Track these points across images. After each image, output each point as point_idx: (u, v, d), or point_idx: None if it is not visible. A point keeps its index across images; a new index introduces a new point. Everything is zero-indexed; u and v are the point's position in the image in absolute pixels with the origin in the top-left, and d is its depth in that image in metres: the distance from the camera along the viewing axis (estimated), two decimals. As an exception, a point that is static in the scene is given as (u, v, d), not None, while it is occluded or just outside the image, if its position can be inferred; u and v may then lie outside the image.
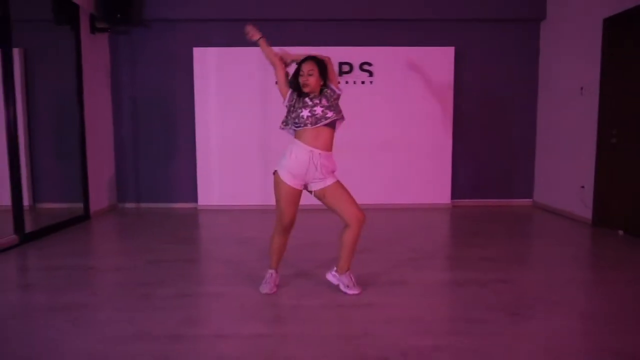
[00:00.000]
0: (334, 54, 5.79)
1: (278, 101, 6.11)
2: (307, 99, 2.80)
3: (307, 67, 2.76)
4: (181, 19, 5.84)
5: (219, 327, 2.44)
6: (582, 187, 5.08)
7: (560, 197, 5.56)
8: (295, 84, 2.81)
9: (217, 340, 2.28)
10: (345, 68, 5.87)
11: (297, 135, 2.78)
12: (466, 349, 2.19)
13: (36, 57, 5.30)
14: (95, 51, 5.64)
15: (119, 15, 5.38)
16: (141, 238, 4.48)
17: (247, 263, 3.57)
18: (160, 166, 6.14)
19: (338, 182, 2.84)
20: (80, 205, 5.33)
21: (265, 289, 2.91)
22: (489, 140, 6.16)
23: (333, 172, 2.84)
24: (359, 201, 2.84)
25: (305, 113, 2.73)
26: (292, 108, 2.82)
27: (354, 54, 5.89)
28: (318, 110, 2.74)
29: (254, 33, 3.02)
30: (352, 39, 5.92)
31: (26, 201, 5.23)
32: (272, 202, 5.96)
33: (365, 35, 5.95)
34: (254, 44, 3.10)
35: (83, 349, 2.19)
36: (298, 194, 2.81)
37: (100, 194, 5.71)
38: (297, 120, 2.76)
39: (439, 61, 5.90)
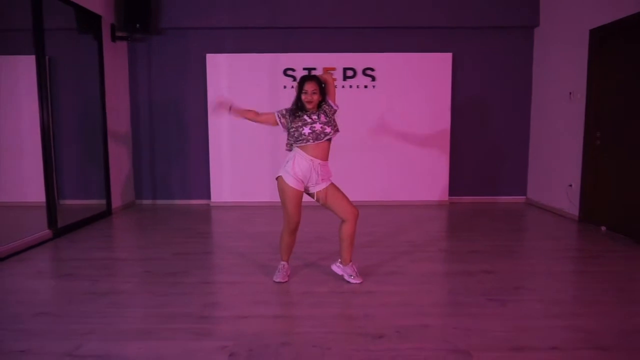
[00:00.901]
0: (339, 60, 6.24)
1: (286, 104, 6.49)
2: (305, 117, 3.12)
3: (311, 87, 3.10)
4: (195, 27, 6.23)
5: (239, 309, 2.85)
6: (570, 185, 5.45)
7: (551, 194, 5.93)
8: (298, 102, 3.15)
9: (238, 320, 2.69)
10: (349, 73, 6.24)
11: (299, 146, 3.12)
12: (449, 326, 2.59)
13: (60, 64, 5.71)
14: (116, 58, 6.04)
15: (138, 25, 5.77)
16: (161, 233, 4.89)
17: (260, 255, 3.98)
18: (175, 165, 6.55)
19: (333, 184, 3.24)
20: (101, 201, 5.75)
21: (278, 277, 3.32)
22: (485, 141, 6.53)
23: (329, 177, 3.23)
24: (362, 198, 3.28)
25: (306, 130, 3.07)
26: (292, 129, 3.14)
27: (358, 59, 6.26)
28: (317, 127, 3.07)
29: (222, 108, 3.27)
30: (357, 46, 6.30)
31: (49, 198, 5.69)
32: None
33: (369, 41, 6.32)
34: (265, 50, 3.46)
35: (131, 328, 2.60)
36: (301, 195, 3.17)
37: (120, 191, 6.13)
38: (299, 138, 3.08)
39: (438, 66, 6.26)
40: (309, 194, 3.25)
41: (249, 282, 3.32)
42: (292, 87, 6.25)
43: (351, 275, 3.30)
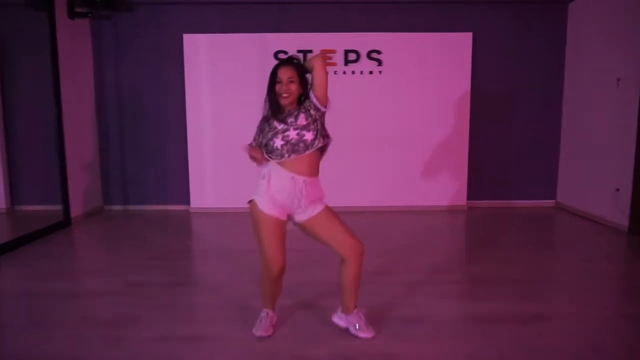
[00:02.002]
0: (340, 41, 5.27)
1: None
2: (275, 122, 2.22)
3: (286, 73, 2.20)
4: (170, 1, 5.27)
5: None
6: (617, 189, 4.56)
7: (589, 199, 5.04)
8: (271, 97, 2.26)
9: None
10: (352, 57, 5.30)
11: (275, 161, 2.22)
12: None
13: (10, 46, 4.78)
14: (75, 38, 5.09)
15: (98, -1, 4.81)
16: (124, 251, 4.00)
17: (242, 287, 3.08)
18: (150, 165, 5.62)
19: (327, 208, 2.32)
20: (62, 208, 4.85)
21: (259, 330, 2.41)
22: (509, 136, 5.61)
23: (321, 199, 2.32)
24: (365, 204, 2.37)
25: (277, 142, 2.18)
26: (260, 131, 2.30)
27: (361, 40, 5.31)
28: (292, 134, 2.17)
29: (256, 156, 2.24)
30: (359, 24, 5.34)
31: (3, 203, 4.80)
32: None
33: (375, 19, 5.36)
34: (251, 30, 2.50)
35: None
36: (283, 226, 2.27)
37: (83, 196, 5.21)
38: (272, 152, 2.20)
39: (455, 48, 5.33)
40: (294, 225, 2.34)
41: (222, 337, 2.42)
42: (285, 73, 5.30)
43: (358, 327, 2.40)
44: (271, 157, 2.21)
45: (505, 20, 5.43)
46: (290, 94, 2.21)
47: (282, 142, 2.16)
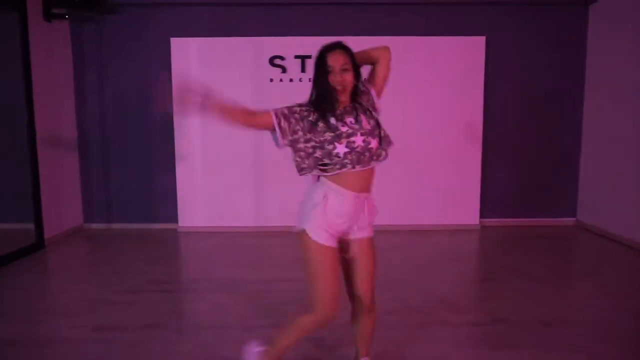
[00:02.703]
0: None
1: (274, 102, 5.12)
2: (332, 120, 1.77)
3: (340, 60, 1.78)
4: (158, 2, 4.85)
5: None
6: (648, 209, 4.12)
7: (614, 218, 4.59)
8: (322, 95, 1.79)
9: None
10: (354, 62, 4.87)
11: (330, 177, 1.79)
12: None
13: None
14: (52, 42, 4.66)
15: (76, -1, 4.39)
16: (100, 281, 3.54)
17: (225, 331, 2.63)
18: (135, 180, 5.16)
19: (372, 239, 1.92)
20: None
21: None
22: (525, 148, 5.16)
23: (374, 217, 1.93)
24: None
25: (340, 149, 1.73)
26: (306, 145, 1.79)
27: (362, 44, 4.85)
28: (358, 140, 1.74)
29: (192, 98, 1.87)
30: (364, 27, 4.91)
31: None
32: (267, 223, 5.02)
33: (379, 22, 4.94)
34: (245, 33, 2.09)
35: None
36: (337, 258, 1.85)
37: (60, 215, 4.75)
38: (330, 162, 1.75)
39: (467, 53, 4.90)
40: (343, 242, 1.88)
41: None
42: (281, 80, 4.88)
43: None
44: (323, 168, 1.76)
45: (521, 23, 5.00)
46: (346, 87, 1.79)
47: (348, 150, 1.72)
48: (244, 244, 4.56)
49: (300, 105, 1.84)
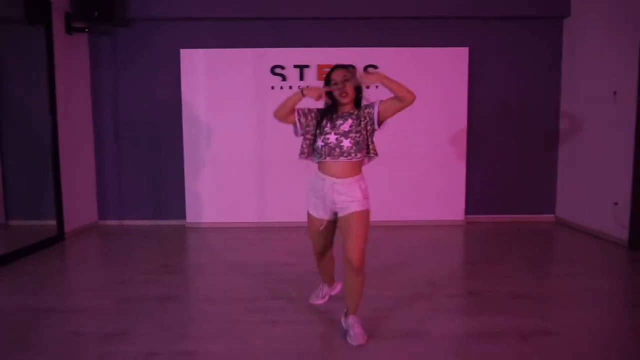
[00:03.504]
0: (336, 56, 5.25)
1: (275, 107, 5.54)
2: (324, 121, 2.41)
3: (339, 75, 2.37)
4: (167, 17, 5.30)
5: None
6: (616, 203, 4.52)
7: (588, 213, 4.99)
8: (330, 104, 2.44)
9: None
10: (348, 71, 5.30)
11: (317, 163, 2.49)
12: None
13: (8, 62, 4.79)
14: (73, 53, 5.10)
15: (96, 14, 4.83)
16: (117, 266, 3.93)
17: (238, 302, 3.02)
18: (145, 179, 5.58)
19: (360, 213, 2.36)
20: (53, 223, 4.79)
21: (313, 299, 2.93)
22: (507, 150, 5.59)
23: (358, 200, 2.37)
24: None
25: (319, 142, 2.40)
26: (312, 135, 2.43)
27: (358, 55, 5.31)
28: (331, 138, 2.35)
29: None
30: (357, 39, 5.37)
31: (-2, 218, 4.76)
32: (270, 219, 5.42)
33: (371, 34, 5.40)
34: (249, 44, 2.65)
35: None
36: (319, 224, 2.51)
37: (78, 211, 5.15)
38: (316, 151, 2.44)
39: (452, 63, 5.34)
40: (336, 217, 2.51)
41: (212, 352, 2.35)
42: (281, 87, 5.31)
43: (352, 333, 2.39)
44: (326, 158, 2.37)
45: (501, 35, 5.46)
46: (348, 94, 2.33)
47: (322, 144, 2.34)
48: (247, 237, 4.95)
49: (318, 109, 2.49)
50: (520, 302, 3.01)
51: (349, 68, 2.40)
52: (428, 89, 5.35)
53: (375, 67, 5.30)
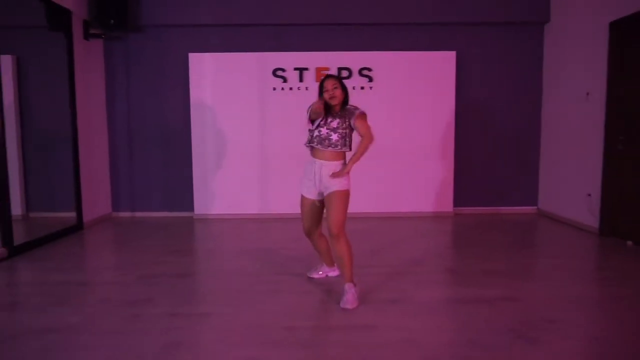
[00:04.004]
0: (333, 59, 5.73)
1: (277, 108, 5.97)
2: (318, 119, 2.93)
3: (330, 84, 2.91)
4: (176, 24, 5.73)
5: (206, 353, 2.30)
6: (589, 195, 4.93)
7: (566, 205, 5.41)
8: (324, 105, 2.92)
9: (204, 367, 2.15)
10: (345, 73, 5.73)
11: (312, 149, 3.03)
12: (469, 378, 2.05)
13: (30, 65, 5.21)
14: (89, 57, 5.53)
15: (112, 21, 5.26)
16: (134, 250, 4.35)
17: (244, 277, 3.44)
18: (156, 174, 6.02)
19: (340, 192, 2.89)
20: (73, 214, 5.21)
21: (310, 272, 3.43)
22: (492, 147, 6.02)
23: (339, 182, 2.91)
24: (357, 210, 2.92)
25: (315, 133, 2.94)
26: (314, 127, 2.97)
27: (354, 58, 5.76)
28: (323, 131, 2.90)
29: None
30: (352, 44, 5.81)
31: (19, 210, 5.17)
32: (272, 210, 5.84)
33: (365, 39, 5.84)
34: (252, 49, 3.19)
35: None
36: (310, 204, 3.04)
37: (94, 203, 5.58)
38: (313, 139, 2.97)
39: (440, 66, 5.77)
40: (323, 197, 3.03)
41: (225, 313, 2.78)
42: (282, 88, 5.74)
43: (345, 298, 2.85)
44: (317, 145, 2.93)
45: (487, 39, 5.88)
46: (337, 97, 2.90)
47: (317, 134, 2.93)
48: (250, 227, 5.38)
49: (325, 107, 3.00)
50: (489, 277, 3.43)
51: (334, 76, 3.00)
52: (419, 90, 5.79)
53: (369, 69, 5.72)
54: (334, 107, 2.93)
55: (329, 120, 2.92)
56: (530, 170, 6.06)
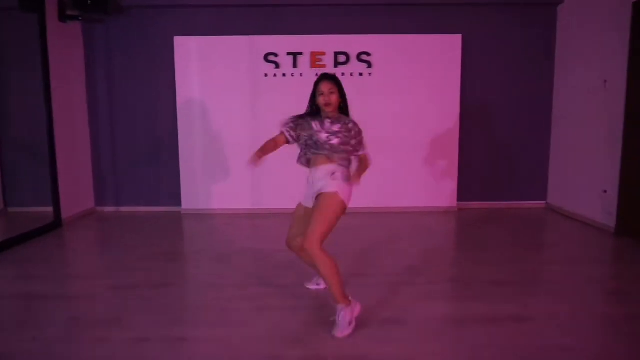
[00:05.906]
0: (330, 43, 5.30)
1: (269, 95, 5.56)
2: (314, 123, 2.62)
3: (327, 86, 2.59)
4: (161, 5, 5.30)
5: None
6: (605, 191, 4.58)
7: (578, 201, 5.06)
8: (313, 106, 2.67)
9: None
10: (342, 59, 5.33)
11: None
12: None
13: (1, 51, 4.83)
14: (66, 41, 5.12)
15: (89, 2, 4.84)
16: (112, 253, 4.03)
17: (225, 289, 3.11)
18: (141, 167, 5.65)
19: (324, 197, 2.51)
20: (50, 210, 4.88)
21: (308, 284, 3.12)
22: (499, 137, 5.64)
23: (327, 186, 2.53)
24: (356, 205, 2.58)
25: (322, 137, 2.60)
26: (303, 139, 2.64)
27: (351, 42, 5.34)
28: (322, 136, 2.57)
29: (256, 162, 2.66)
30: (350, 27, 5.37)
31: (-3, 205, 4.86)
32: (263, 206, 5.50)
33: (364, 22, 5.39)
34: (242, 32, 2.77)
35: None
36: (302, 209, 2.77)
37: (75, 198, 5.24)
38: (311, 143, 2.62)
39: (445, 50, 5.35)
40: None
41: (202, 339, 2.45)
42: (275, 75, 5.34)
43: (336, 324, 2.46)
44: (312, 152, 2.61)
45: (495, 22, 5.45)
46: (332, 104, 2.59)
47: (313, 141, 2.57)
48: (242, 223, 5.05)
49: (300, 116, 2.70)
50: (498, 289, 3.09)
51: (334, 78, 2.65)
52: (421, 77, 5.39)
53: (368, 54, 5.31)
54: (327, 112, 2.63)
55: (327, 124, 2.60)
56: (540, 162, 5.69)
